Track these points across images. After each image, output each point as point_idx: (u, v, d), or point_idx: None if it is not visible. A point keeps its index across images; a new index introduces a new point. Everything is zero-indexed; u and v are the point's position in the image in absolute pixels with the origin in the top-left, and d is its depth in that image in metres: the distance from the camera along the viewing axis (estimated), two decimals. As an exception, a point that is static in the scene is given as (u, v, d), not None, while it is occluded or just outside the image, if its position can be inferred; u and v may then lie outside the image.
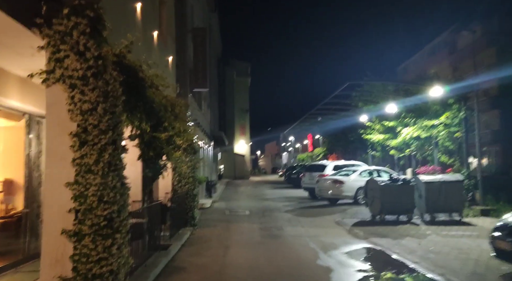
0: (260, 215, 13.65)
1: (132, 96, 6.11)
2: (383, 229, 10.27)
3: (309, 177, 18.41)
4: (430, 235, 9.39)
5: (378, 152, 22.45)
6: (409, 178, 11.96)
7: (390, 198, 11.55)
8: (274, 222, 12.02)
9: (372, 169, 15.85)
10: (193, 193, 11.15)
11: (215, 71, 35.67)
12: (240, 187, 29.46)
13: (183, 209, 10.82)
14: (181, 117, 8.04)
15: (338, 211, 13.85)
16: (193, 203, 11.08)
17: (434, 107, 14.57)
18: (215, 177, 33.65)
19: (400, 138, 17.85)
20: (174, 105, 7.82)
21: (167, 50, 12.21)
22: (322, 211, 14.10)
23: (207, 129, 23.71)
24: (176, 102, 8.02)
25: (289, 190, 24.18)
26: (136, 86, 6.07)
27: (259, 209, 14.99)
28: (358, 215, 12.80)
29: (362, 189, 14.68)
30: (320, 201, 16.75)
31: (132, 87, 6.06)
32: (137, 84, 6.09)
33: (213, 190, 21.00)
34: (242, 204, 16.94)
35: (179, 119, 7.87)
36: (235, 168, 44.65)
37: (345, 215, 13.03)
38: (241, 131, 46.60)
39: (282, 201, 17.85)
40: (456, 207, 11.50)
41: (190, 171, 11.08)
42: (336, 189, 14.80)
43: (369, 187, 12.22)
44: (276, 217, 13.10)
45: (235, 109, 45.07)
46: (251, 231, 10.64)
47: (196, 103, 18.37)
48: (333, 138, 32.51)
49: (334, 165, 17.96)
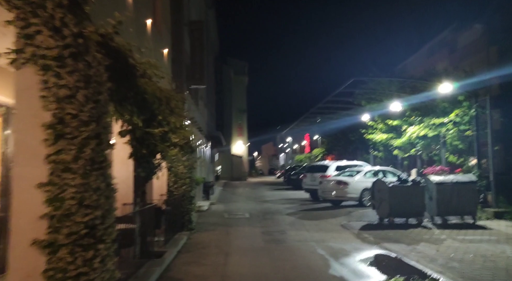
0: (261, 218, 12.95)
1: (121, 85, 5.40)
2: (394, 233, 9.60)
3: (310, 178, 17.73)
4: (446, 240, 8.72)
5: (381, 152, 21.81)
6: (419, 179, 11.31)
7: (399, 200, 10.89)
8: (277, 226, 11.32)
9: (377, 169, 15.20)
10: (190, 195, 10.43)
11: (212, 69, 34.96)
12: (238, 188, 28.74)
13: (179, 212, 10.10)
14: (177, 112, 7.31)
15: (342, 213, 13.16)
16: (190, 206, 10.36)
17: (442, 104, 13.94)
18: (213, 178, 32.92)
19: (405, 137, 17.22)
20: (169, 98, 7.10)
21: (162, 42, 11.49)
22: (326, 213, 13.41)
23: (204, 129, 22.99)
24: (171, 95, 7.29)
25: (289, 192, 23.48)
26: (125, 73, 5.35)
27: (259, 212, 14.29)
28: (365, 218, 12.12)
29: (368, 190, 14.04)
30: (322, 203, 16.07)
31: (121, 74, 5.34)
32: (127, 72, 5.37)
33: (211, 191, 20.27)
34: (242, 206, 16.23)
35: (175, 114, 7.15)
36: (233, 169, 43.91)
37: (350, 217, 12.34)
38: (238, 131, 45.89)
39: (282, 203, 17.15)
40: (469, 209, 10.85)
41: (187, 171, 10.36)
42: (340, 190, 14.12)
43: (376, 188, 11.55)
44: (278, 220, 12.39)
45: (232, 109, 44.35)
46: (253, 236, 9.94)
47: (193, 101, 17.64)
48: (333, 139, 31.87)
49: (336, 165, 17.29)
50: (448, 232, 9.66)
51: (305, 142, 58.74)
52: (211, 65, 33.46)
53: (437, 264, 6.52)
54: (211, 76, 32.82)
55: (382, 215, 11.24)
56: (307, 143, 60.49)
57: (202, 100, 23.79)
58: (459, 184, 10.84)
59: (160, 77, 6.81)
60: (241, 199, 20.02)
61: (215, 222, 12.30)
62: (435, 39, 28.97)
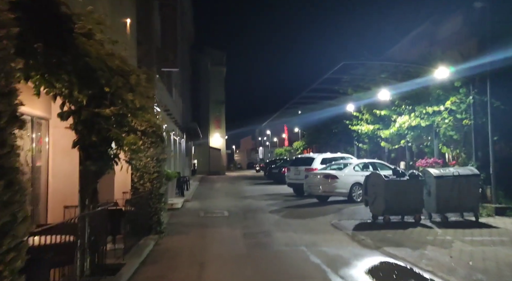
0: (241, 216, 11.59)
1: (50, 44, 3.88)
2: (393, 234, 8.46)
3: (294, 172, 16.49)
4: (454, 242, 7.62)
5: (366, 144, 20.84)
6: (417, 172, 10.22)
7: (395, 196, 9.77)
8: (260, 226, 10.00)
9: (367, 162, 14.10)
10: (159, 192, 8.93)
11: (188, 58, 33.16)
12: (216, 183, 27.27)
13: (146, 212, 8.60)
14: (140, 92, 5.79)
15: (331, 210, 11.98)
16: (159, 205, 8.87)
17: (436, 92, 12.91)
18: (188, 172, 31.29)
19: (393, 128, 16.21)
20: (127, 72, 5.59)
21: (123, 10, 9.82)
22: (313, 211, 12.19)
23: (179, 120, 21.36)
24: (132, 69, 5.78)
25: (270, 186, 22.20)
26: (55, 26, 3.84)
27: (239, 209, 12.92)
28: (356, 216, 10.96)
29: (358, 184, 12.94)
30: (308, 199, 14.86)
31: (49, 27, 3.83)
32: (57, 24, 3.85)
33: (186, 187, 18.75)
34: (220, 203, 14.81)
35: (137, 93, 5.64)
36: (210, 162, 42.30)
37: (341, 215, 11.16)
38: (216, 124, 44.23)
39: (264, 199, 15.84)
40: (470, 205, 9.86)
41: (156, 165, 8.86)
42: (329, 185, 12.93)
43: (370, 183, 10.39)
44: (261, 219, 11.07)
45: (210, 100, 42.61)
46: (233, 239, 8.57)
47: (166, 88, 16.01)
48: (314, 131, 30.82)
49: (322, 157, 16.11)
50: (452, 231, 8.59)
51: (284, 135, 57.70)
52: (187, 53, 31.65)
53: (459, 277, 5.35)
54: (186, 64, 31.03)
55: (376, 213, 10.11)
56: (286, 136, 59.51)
57: (176, 89, 22.12)
58: (461, 177, 9.81)
59: (113, 42, 5.30)
60: (219, 194, 18.59)
61: (189, 222, 10.86)
62: (416, 30, 28.24)
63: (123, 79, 5.55)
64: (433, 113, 13.23)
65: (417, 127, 14.66)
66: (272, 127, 66.65)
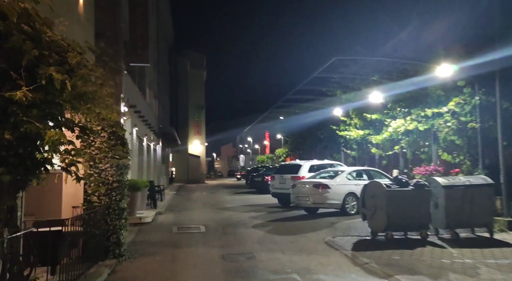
0: (220, 232, 10.02)
1: None
2: (400, 256, 7.10)
3: (279, 180, 15.02)
4: (478, 267, 6.29)
5: (354, 150, 19.64)
6: (422, 181, 8.93)
7: (399, 209, 8.44)
8: (241, 245, 8.46)
9: (360, 170, 12.79)
10: (120, 206, 7.29)
11: (166, 60, 31.49)
12: (194, 193, 25.50)
13: (102, 231, 6.94)
14: (81, 74, 4.20)
15: (323, 225, 10.54)
16: (119, 221, 7.22)
17: (436, 92, 11.76)
18: (165, 180, 29.43)
19: (386, 133, 15.03)
20: (63, 47, 4.04)
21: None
22: (303, 225, 10.72)
23: (153, 124, 19.65)
24: (71, 43, 4.22)
25: (252, 196, 20.63)
26: None
27: (218, 223, 11.34)
28: (352, 231, 9.57)
29: (352, 195, 11.59)
30: (294, 210, 13.41)
31: None
32: None
33: (160, 197, 17.01)
34: (196, 216, 13.17)
35: (77, 76, 4.07)
36: (189, 170, 40.39)
37: (335, 231, 9.74)
38: (196, 130, 42.43)
39: (246, 210, 14.29)
40: (484, 220, 8.63)
41: (115, 173, 7.23)
42: (319, 195, 11.51)
43: (368, 194, 9.04)
44: (243, 235, 9.53)
45: (189, 105, 40.85)
46: (209, 263, 7.01)
47: (137, 87, 14.37)
48: (298, 137, 29.55)
49: (310, 165, 14.72)
50: (468, 252, 7.29)
51: (266, 142, 56.36)
52: (164, 54, 30.00)
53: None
54: (164, 67, 29.36)
55: (376, 228, 8.75)
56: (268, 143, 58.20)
57: (151, 90, 20.42)
58: (473, 187, 8.58)
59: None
60: (196, 206, 16.91)
61: (158, 240, 9.21)
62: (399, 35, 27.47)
63: (57, 56, 4.02)
64: (433, 116, 12.07)
65: (413, 132, 13.49)
66: (254, 134, 65.33)
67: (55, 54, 4.00)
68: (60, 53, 4.07)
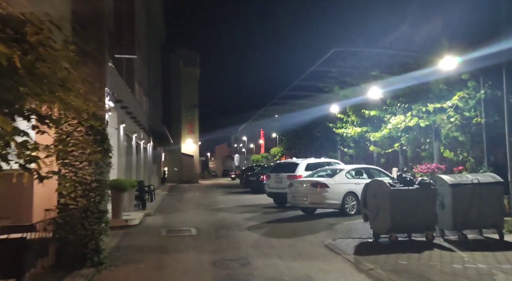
0: (212, 235, 9.37)
1: None
2: (407, 260, 6.52)
3: (275, 179, 14.40)
4: (494, 273, 5.72)
5: (352, 148, 19.10)
6: (428, 180, 8.36)
7: (404, 209, 7.86)
8: (235, 249, 7.82)
9: (360, 168, 12.20)
10: (99, 208, 6.61)
11: (158, 57, 30.73)
12: (187, 193, 24.80)
13: (78, 237, 6.26)
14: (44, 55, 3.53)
15: (322, 226, 9.93)
16: (98, 226, 6.53)
17: (439, 86, 11.22)
18: (157, 180, 28.68)
19: (385, 130, 14.49)
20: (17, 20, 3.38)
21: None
22: (300, 227, 10.10)
23: (143, 122, 18.92)
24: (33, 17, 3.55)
25: (247, 196, 19.98)
26: None
27: (210, 226, 10.69)
28: (353, 233, 8.98)
29: (351, 194, 11.01)
30: (291, 211, 12.80)
31: None
32: None
33: (150, 197, 16.32)
34: (187, 218, 12.50)
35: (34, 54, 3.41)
36: (182, 170, 39.65)
37: (334, 233, 9.13)
38: (189, 129, 41.68)
39: (241, 211, 13.64)
40: (493, 220, 8.07)
41: (94, 172, 6.56)
42: (317, 195, 10.90)
43: (370, 193, 8.46)
44: (237, 238, 8.89)
45: (182, 104, 40.09)
46: (199, 270, 6.37)
47: (125, 82, 13.66)
48: (293, 136, 28.97)
49: (307, 163, 14.11)
50: (479, 256, 6.73)
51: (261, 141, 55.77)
52: (156, 51, 29.25)
53: None
54: (156, 64, 28.62)
55: (379, 230, 8.16)
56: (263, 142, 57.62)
57: (141, 87, 19.70)
58: (481, 186, 8.02)
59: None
60: (188, 206, 16.23)
61: (145, 244, 8.54)
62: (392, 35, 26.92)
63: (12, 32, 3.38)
64: (434, 111, 11.53)
65: (413, 129, 12.96)
66: (249, 133, 64.70)
67: (11, 29, 3.35)
68: (17, 29, 3.42)
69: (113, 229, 10.03)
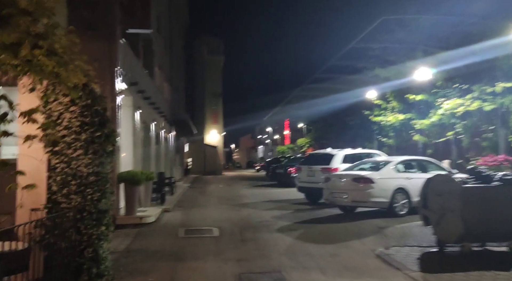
0: (237, 238, 7.96)
1: None
2: None
3: (307, 172, 12.83)
4: None
5: (391, 138, 17.23)
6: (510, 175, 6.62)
7: (479, 212, 6.17)
8: (265, 258, 6.39)
9: (409, 160, 10.46)
10: (98, 208, 5.28)
11: (181, 44, 29.52)
12: (210, 185, 23.61)
13: (71, 244, 4.97)
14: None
15: (368, 229, 8.32)
16: (96, 230, 5.21)
17: (509, 62, 9.27)
18: (180, 172, 27.71)
19: (434, 116, 12.62)
20: None
21: None
22: (342, 229, 8.52)
23: (164, 109, 17.74)
24: None
25: (274, 190, 18.51)
26: None
27: (235, 225, 9.29)
28: (409, 239, 7.33)
29: (401, 191, 9.32)
30: (326, 208, 11.25)
31: None
32: None
33: (170, 190, 15.15)
34: (209, 215, 11.17)
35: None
36: (206, 161, 38.62)
37: (385, 239, 7.51)
38: (213, 119, 40.53)
39: (268, 208, 12.19)
40: None
41: (92, 162, 5.22)
42: (361, 191, 9.27)
43: (433, 191, 6.78)
44: (266, 243, 7.44)
45: (206, 93, 38.90)
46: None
47: (140, 63, 12.40)
48: (323, 125, 27.15)
49: (344, 154, 12.46)
50: None
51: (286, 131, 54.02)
52: (178, 37, 28.02)
53: None
54: (178, 51, 27.42)
55: (445, 238, 6.50)
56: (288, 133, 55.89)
57: (162, 72, 18.48)
58: None
59: None
60: (210, 201, 14.93)
61: (158, 248, 7.23)
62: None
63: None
64: (503, 92, 9.60)
65: (472, 114, 11.04)
66: (273, 123, 63.08)
67: None
68: None
69: (126, 228, 8.85)
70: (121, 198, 9.35)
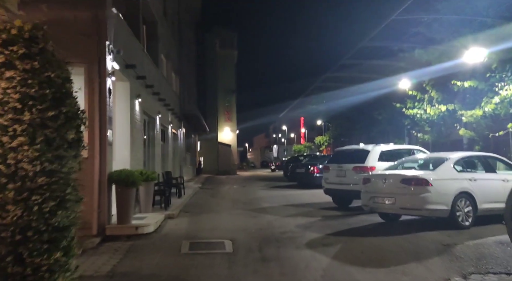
0: (255, 256, 6.13)
1: None
2: None
3: (336, 172, 10.92)
4: None
5: (428, 133, 15.19)
6: None
7: None
8: (296, 293, 4.56)
9: (472, 156, 8.49)
10: (51, 224, 3.53)
11: (191, 36, 27.93)
12: (223, 186, 21.88)
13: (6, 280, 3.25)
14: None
15: (428, 246, 6.38)
16: (47, 258, 3.46)
17: None
18: (191, 171, 26.11)
19: (489, 106, 10.60)
20: None
21: None
22: (391, 245, 6.59)
23: (171, 103, 16.09)
24: None
25: (294, 191, 16.64)
26: None
27: (252, 237, 7.47)
28: (492, 263, 5.39)
29: (465, 195, 7.37)
30: (361, 215, 9.37)
31: None
32: None
33: (178, 192, 13.47)
34: (221, 223, 9.37)
35: None
36: (219, 160, 36.97)
37: (457, 261, 5.57)
38: (226, 116, 38.87)
39: (291, 214, 10.34)
40: None
41: (42, 157, 3.49)
42: (413, 196, 7.34)
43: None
44: (295, 264, 5.61)
45: (218, 89, 37.25)
46: None
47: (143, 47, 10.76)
48: (345, 121, 25.12)
49: (380, 150, 10.54)
50: None
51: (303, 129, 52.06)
52: (189, 29, 26.41)
53: None
54: (189, 43, 25.83)
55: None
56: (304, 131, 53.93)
57: (169, 61, 16.84)
58: None
59: None
60: (223, 205, 13.14)
61: (152, 271, 5.47)
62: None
63: None
64: None
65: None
66: (288, 122, 61.18)
67: None
68: None
69: (118, 240, 7.17)
70: (112, 203, 7.66)
